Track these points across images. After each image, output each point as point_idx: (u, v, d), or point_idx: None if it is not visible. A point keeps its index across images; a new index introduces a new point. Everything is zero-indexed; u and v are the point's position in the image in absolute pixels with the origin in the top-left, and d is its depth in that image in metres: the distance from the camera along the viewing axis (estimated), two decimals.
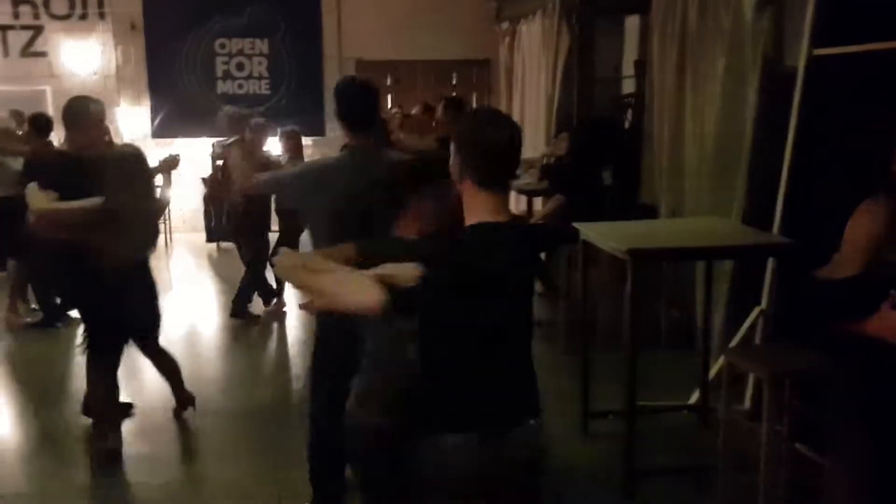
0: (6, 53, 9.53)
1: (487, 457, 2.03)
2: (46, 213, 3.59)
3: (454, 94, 9.79)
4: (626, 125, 6.89)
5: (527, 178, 6.90)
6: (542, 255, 6.37)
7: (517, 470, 2.10)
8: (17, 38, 9.53)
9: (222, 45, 9.81)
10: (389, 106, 9.42)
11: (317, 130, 9.69)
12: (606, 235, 3.74)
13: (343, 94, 2.99)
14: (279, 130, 6.43)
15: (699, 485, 3.51)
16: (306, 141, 9.17)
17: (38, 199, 3.59)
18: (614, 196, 5.54)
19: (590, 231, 3.90)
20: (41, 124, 5.60)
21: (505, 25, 9.22)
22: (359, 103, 2.98)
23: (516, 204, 7.76)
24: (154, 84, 9.78)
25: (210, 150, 8.57)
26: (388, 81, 10.08)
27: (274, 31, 9.82)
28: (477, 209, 1.97)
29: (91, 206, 3.54)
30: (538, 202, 6.84)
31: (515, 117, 8.90)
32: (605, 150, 5.73)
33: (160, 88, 9.76)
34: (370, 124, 3.01)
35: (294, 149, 6.29)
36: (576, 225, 4.02)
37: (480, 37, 9.75)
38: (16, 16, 9.49)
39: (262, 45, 9.86)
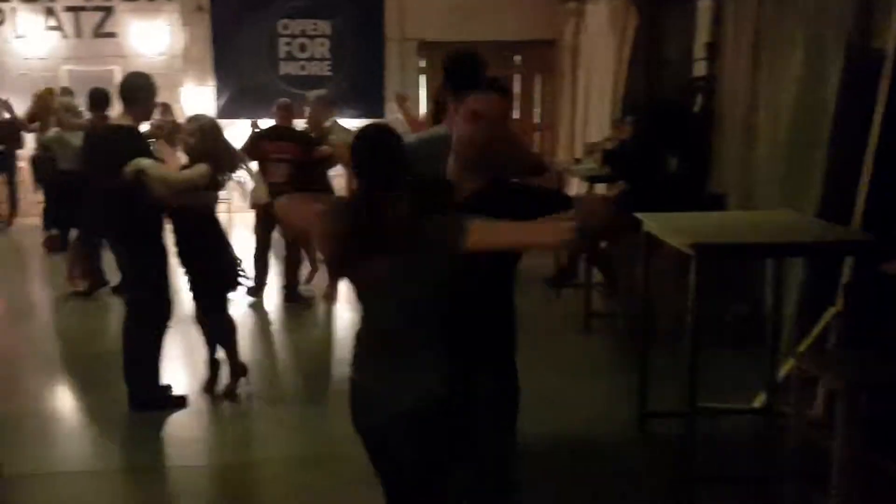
0: (79, 34, 9.75)
1: None
2: (175, 182, 4.00)
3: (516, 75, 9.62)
4: (696, 110, 6.59)
5: (589, 163, 6.68)
6: (604, 245, 6.18)
7: None
8: (88, 19, 9.75)
9: (285, 26, 9.82)
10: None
11: (376, 113, 9.62)
12: (670, 227, 3.54)
13: (455, 65, 3.13)
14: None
15: (762, 496, 3.30)
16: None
17: (165, 169, 4.02)
18: (680, 184, 5.29)
19: (652, 222, 3.70)
20: (99, 99, 5.67)
21: (571, 6, 9.00)
22: (470, 73, 3.05)
23: (577, 190, 7.55)
24: (219, 65, 9.87)
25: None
26: None
27: (336, 13, 9.78)
28: None
29: (204, 172, 4.01)
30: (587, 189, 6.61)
31: (580, 100, 8.72)
32: (671, 136, 5.48)
33: (225, 69, 9.84)
34: None
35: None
36: (638, 215, 3.82)
37: (545, 17, 9.51)
38: None
39: (325, 27, 9.82)
